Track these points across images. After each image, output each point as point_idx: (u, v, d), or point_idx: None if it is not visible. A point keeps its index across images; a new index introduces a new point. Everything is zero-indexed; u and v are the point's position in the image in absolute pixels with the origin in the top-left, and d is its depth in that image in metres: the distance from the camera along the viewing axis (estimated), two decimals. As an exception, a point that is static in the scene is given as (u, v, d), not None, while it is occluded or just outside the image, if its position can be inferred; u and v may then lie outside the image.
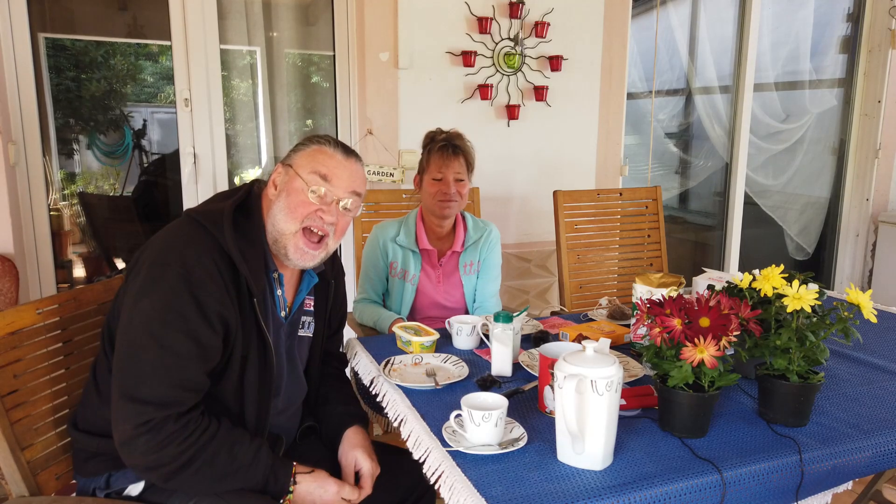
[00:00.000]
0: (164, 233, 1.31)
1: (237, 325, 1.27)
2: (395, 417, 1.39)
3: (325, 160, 1.37)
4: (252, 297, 1.30)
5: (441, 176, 2.06)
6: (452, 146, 2.08)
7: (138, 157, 4.31)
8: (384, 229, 2.16)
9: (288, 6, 3.12)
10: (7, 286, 2.47)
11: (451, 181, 2.06)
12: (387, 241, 2.15)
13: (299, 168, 1.36)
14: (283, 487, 1.28)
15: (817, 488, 1.23)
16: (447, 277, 2.18)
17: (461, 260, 2.18)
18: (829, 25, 4.24)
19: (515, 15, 3.10)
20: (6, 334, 1.31)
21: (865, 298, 1.31)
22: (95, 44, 3.96)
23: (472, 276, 2.19)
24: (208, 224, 1.28)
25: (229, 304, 1.25)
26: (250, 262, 1.29)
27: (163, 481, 1.21)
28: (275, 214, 1.35)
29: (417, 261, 2.14)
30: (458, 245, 2.16)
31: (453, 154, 2.07)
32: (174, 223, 1.33)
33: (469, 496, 1.04)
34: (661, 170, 4.08)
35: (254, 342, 1.32)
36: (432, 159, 2.08)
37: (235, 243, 1.27)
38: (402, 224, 2.17)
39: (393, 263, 2.15)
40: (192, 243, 1.25)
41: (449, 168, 2.06)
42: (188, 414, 1.20)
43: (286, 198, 1.35)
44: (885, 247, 4.27)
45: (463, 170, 2.09)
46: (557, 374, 1.13)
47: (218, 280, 1.24)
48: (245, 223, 1.34)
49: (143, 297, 1.21)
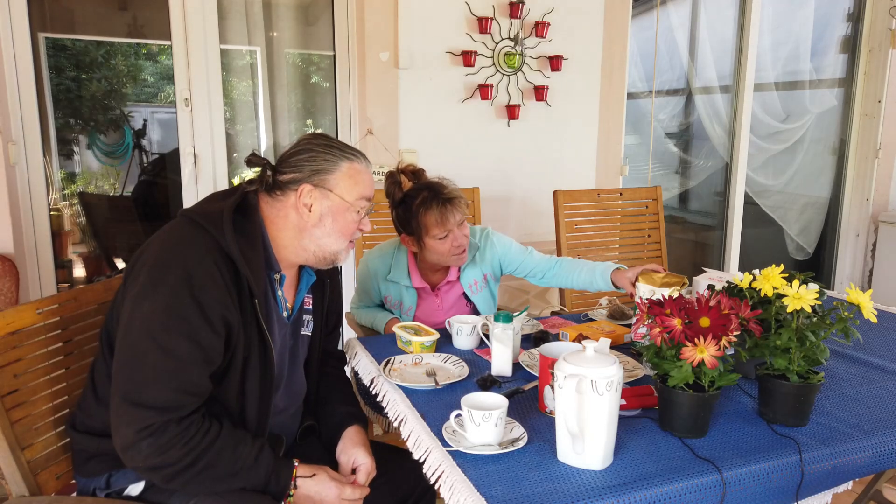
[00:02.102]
0: (161, 234, 1.30)
1: (239, 327, 1.27)
2: (395, 417, 1.39)
3: (363, 179, 1.40)
4: (253, 298, 1.30)
5: (446, 233, 1.88)
6: (443, 199, 1.87)
7: (138, 157, 4.31)
8: (374, 264, 2.05)
9: (288, 6, 3.12)
10: (7, 286, 2.47)
11: (458, 232, 1.89)
12: (378, 278, 2.04)
13: (344, 194, 1.37)
14: (284, 487, 1.28)
15: (817, 488, 1.23)
16: (448, 304, 2.07)
17: (463, 282, 2.05)
18: (829, 25, 4.24)
19: (515, 15, 3.10)
20: (6, 334, 1.31)
21: (865, 298, 1.31)
22: (95, 44, 3.96)
23: (482, 293, 2.08)
24: (208, 225, 1.27)
25: (231, 305, 1.24)
26: (251, 262, 1.28)
27: (165, 482, 1.21)
28: (319, 238, 1.37)
29: (412, 295, 2.04)
30: (454, 275, 2.03)
31: (451, 205, 1.87)
32: (171, 224, 1.32)
33: (469, 496, 1.04)
34: (661, 170, 4.09)
35: (255, 343, 1.32)
36: (430, 220, 1.86)
37: (236, 244, 1.26)
38: (392, 260, 2.03)
39: (387, 297, 2.07)
40: (192, 245, 1.24)
41: (451, 222, 1.87)
42: (190, 417, 1.19)
43: (333, 223, 1.37)
44: (885, 247, 4.27)
45: (462, 214, 1.90)
46: (557, 374, 1.13)
47: (219, 281, 1.23)
48: (244, 224, 1.33)
49: (143, 301, 1.20)
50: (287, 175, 1.36)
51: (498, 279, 2.14)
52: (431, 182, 1.93)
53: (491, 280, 2.10)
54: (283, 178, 1.36)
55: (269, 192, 1.37)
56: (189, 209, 1.33)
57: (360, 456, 1.42)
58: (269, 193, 1.38)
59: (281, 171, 1.37)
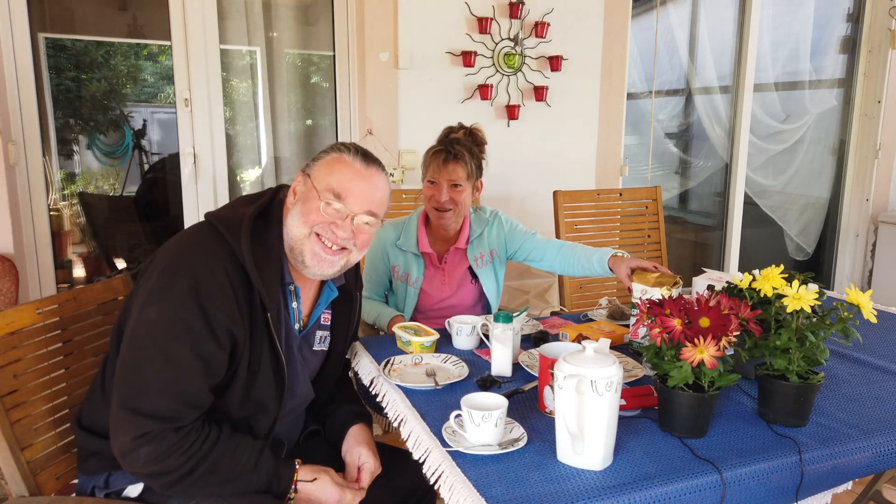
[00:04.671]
0: (181, 236, 1.28)
1: (245, 340, 1.24)
2: (395, 417, 1.39)
3: (343, 171, 1.31)
4: (266, 311, 1.27)
5: (435, 180, 1.98)
6: (450, 151, 1.97)
7: (138, 157, 4.31)
8: (385, 232, 2.10)
9: (288, 6, 3.12)
10: (7, 286, 2.47)
11: (445, 188, 1.96)
12: (387, 246, 2.09)
13: (316, 180, 1.32)
14: (285, 489, 1.28)
15: (817, 488, 1.23)
16: (453, 276, 2.12)
17: (470, 254, 2.10)
18: (829, 25, 4.24)
19: (515, 15, 3.10)
20: (6, 334, 1.31)
21: (865, 298, 1.31)
22: (95, 44, 3.96)
23: (487, 268, 2.12)
24: (225, 232, 1.24)
25: (238, 318, 1.22)
26: (265, 273, 1.25)
27: (167, 489, 1.20)
28: (289, 223, 1.32)
29: (420, 264, 2.08)
30: (462, 242, 2.09)
31: (454, 159, 1.96)
32: (193, 227, 1.30)
33: (469, 496, 1.04)
34: (661, 170, 4.09)
35: (266, 356, 1.29)
36: (431, 161, 1.99)
37: (251, 254, 1.23)
38: (404, 227, 2.10)
39: (395, 267, 2.11)
40: (205, 252, 1.22)
41: (443, 174, 1.96)
42: (188, 426, 1.18)
43: (302, 206, 1.31)
44: (885, 247, 4.27)
45: (459, 176, 1.96)
46: (557, 374, 1.13)
47: (229, 293, 1.21)
48: (264, 231, 1.30)
49: (150, 305, 1.18)
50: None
51: (503, 261, 2.17)
52: (462, 136, 2.04)
53: (497, 258, 2.14)
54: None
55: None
56: (213, 212, 1.31)
57: (364, 455, 1.42)
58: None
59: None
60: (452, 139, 2.03)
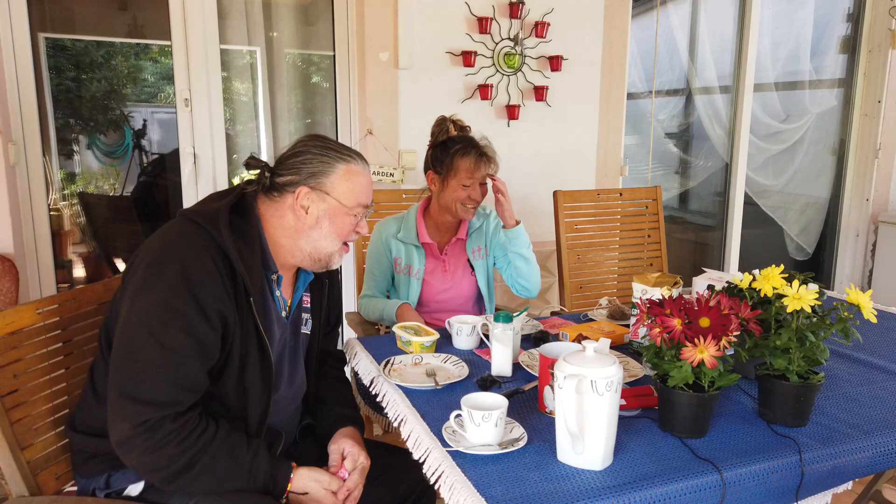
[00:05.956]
0: (159, 233, 1.30)
1: (235, 324, 1.27)
2: (395, 417, 1.39)
3: (361, 181, 1.40)
4: (249, 296, 1.30)
5: (472, 182, 2.04)
6: (480, 152, 2.05)
7: (138, 157, 4.31)
8: (386, 226, 2.17)
9: (288, 6, 3.12)
10: (7, 286, 2.47)
11: (479, 187, 2.06)
12: (389, 238, 2.15)
13: (341, 197, 1.37)
14: (281, 490, 1.29)
15: (817, 488, 1.23)
16: (453, 267, 2.18)
17: (468, 246, 2.19)
18: (829, 25, 4.24)
19: (515, 15, 3.10)
20: (6, 334, 1.31)
21: (865, 298, 1.31)
22: (96, 44, 3.96)
23: (482, 262, 2.21)
24: (205, 223, 1.28)
25: (228, 301, 1.25)
26: (247, 261, 1.29)
27: (165, 484, 1.21)
28: (316, 239, 1.38)
29: (421, 255, 2.14)
30: (463, 233, 2.17)
31: (485, 159, 2.05)
32: (169, 224, 1.33)
33: (469, 496, 1.04)
34: (661, 170, 4.09)
35: (253, 341, 1.32)
36: (462, 164, 2.03)
37: (233, 242, 1.27)
38: (402, 220, 2.17)
39: (397, 260, 2.16)
40: (189, 242, 1.25)
41: (479, 174, 2.04)
42: (186, 414, 1.20)
43: (330, 225, 1.38)
44: (885, 247, 4.27)
45: (491, 172, 2.08)
46: (557, 374, 1.13)
47: (216, 278, 1.24)
48: (241, 224, 1.33)
49: (141, 297, 1.20)
50: (284, 177, 1.36)
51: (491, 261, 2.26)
52: (473, 137, 2.11)
53: (487, 254, 2.23)
54: (281, 180, 1.36)
55: (267, 193, 1.38)
56: (187, 209, 1.34)
57: (347, 446, 1.42)
58: (266, 195, 1.38)
59: (278, 174, 1.37)
60: (469, 137, 2.11)
